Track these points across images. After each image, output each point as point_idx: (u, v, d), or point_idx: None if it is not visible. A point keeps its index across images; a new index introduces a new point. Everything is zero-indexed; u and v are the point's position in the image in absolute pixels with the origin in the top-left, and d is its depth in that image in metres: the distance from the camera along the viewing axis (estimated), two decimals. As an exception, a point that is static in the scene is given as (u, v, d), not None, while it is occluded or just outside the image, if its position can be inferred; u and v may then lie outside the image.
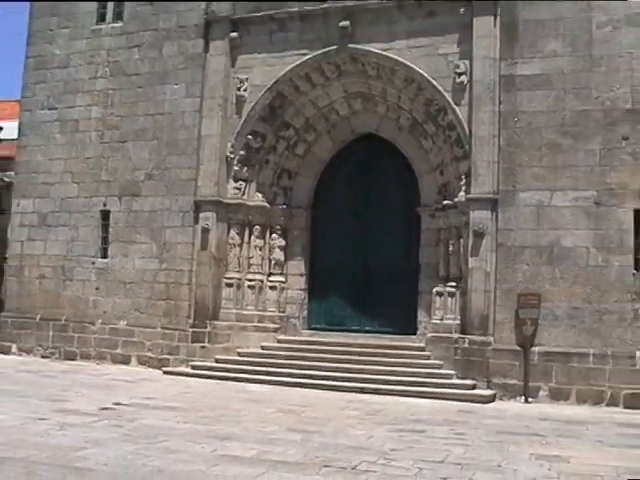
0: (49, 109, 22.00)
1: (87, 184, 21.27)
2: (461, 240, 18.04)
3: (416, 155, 19.97)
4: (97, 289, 20.93)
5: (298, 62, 19.71)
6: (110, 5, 21.76)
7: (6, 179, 30.89)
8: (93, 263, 21.04)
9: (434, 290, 18.50)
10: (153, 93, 20.72)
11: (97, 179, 21.13)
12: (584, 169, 16.59)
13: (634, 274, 16.07)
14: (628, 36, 16.62)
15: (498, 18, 17.64)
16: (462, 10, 18.06)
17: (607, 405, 15.73)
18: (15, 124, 23.78)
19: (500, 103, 17.39)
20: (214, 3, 20.40)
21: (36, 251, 21.75)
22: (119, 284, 20.63)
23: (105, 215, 21.03)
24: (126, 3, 21.48)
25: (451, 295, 18.14)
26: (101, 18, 21.80)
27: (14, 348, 21.67)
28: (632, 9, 16.65)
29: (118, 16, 21.59)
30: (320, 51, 19.49)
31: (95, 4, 21.90)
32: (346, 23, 19.11)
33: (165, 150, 20.42)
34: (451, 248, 18.39)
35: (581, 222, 16.48)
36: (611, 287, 16.15)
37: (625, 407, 15.55)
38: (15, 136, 23.35)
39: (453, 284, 18.18)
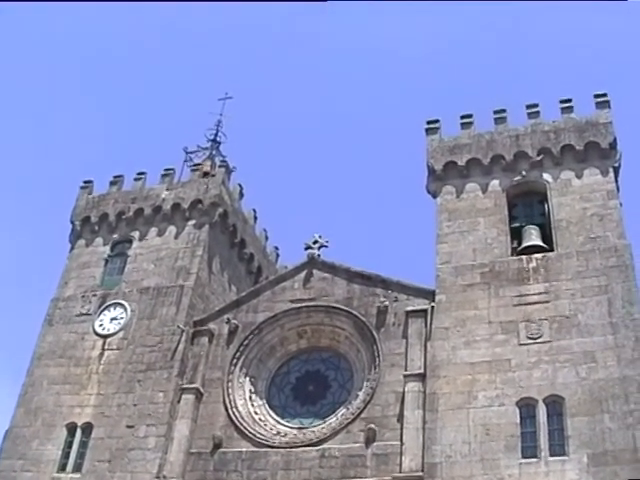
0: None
1: None
2: None
3: None
4: None
5: None
6: (72, 457, 26.69)
7: None
8: None
9: None
10: None
11: None
12: None
13: None
14: None
15: None
16: None
17: None
18: None
19: None
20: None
21: None
22: None
23: None
24: (86, 458, 26.49)
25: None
26: (62, 467, 26.60)
27: None
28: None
29: (78, 467, 26.42)
30: None
31: (60, 453, 26.84)
32: None
33: None
34: None
35: None
36: None
37: None
38: None
39: None
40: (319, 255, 29.37)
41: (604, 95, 29.56)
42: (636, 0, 25.82)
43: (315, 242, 29.68)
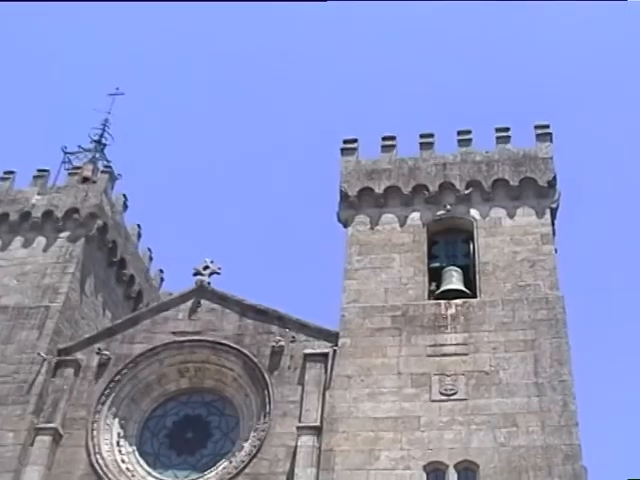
0: None
1: None
2: None
3: None
4: None
5: None
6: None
7: None
8: None
9: None
10: None
11: None
12: None
13: None
14: None
15: None
16: None
17: None
18: None
19: None
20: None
21: None
22: None
23: None
24: None
25: None
26: None
27: None
28: None
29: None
30: None
31: None
32: None
33: None
34: None
35: None
36: None
37: None
38: None
39: None
40: (209, 283, 27.53)
41: (546, 127, 28.63)
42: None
43: (206, 268, 27.85)
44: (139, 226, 33.89)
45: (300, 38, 72.23)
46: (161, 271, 36.20)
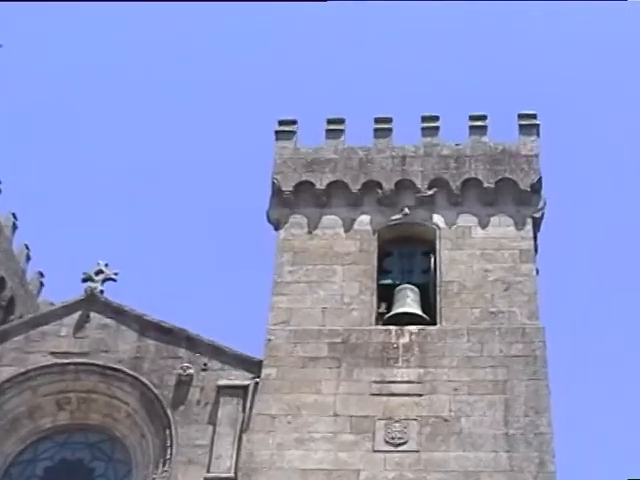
0: None
1: None
2: None
3: None
4: None
5: None
6: None
7: None
8: None
9: None
10: None
11: None
12: None
13: None
14: None
15: None
16: None
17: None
18: None
19: None
20: None
21: None
22: None
23: None
24: None
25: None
26: None
27: None
28: None
29: None
30: None
31: None
32: None
33: None
34: None
35: None
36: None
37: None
38: None
39: None
40: (102, 291, 24.61)
41: (532, 116, 26.05)
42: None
43: (98, 272, 24.87)
44: (14, 216, 31.28)
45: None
46: (41, 274, 33.58)
